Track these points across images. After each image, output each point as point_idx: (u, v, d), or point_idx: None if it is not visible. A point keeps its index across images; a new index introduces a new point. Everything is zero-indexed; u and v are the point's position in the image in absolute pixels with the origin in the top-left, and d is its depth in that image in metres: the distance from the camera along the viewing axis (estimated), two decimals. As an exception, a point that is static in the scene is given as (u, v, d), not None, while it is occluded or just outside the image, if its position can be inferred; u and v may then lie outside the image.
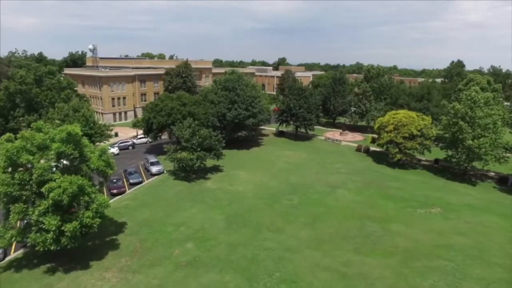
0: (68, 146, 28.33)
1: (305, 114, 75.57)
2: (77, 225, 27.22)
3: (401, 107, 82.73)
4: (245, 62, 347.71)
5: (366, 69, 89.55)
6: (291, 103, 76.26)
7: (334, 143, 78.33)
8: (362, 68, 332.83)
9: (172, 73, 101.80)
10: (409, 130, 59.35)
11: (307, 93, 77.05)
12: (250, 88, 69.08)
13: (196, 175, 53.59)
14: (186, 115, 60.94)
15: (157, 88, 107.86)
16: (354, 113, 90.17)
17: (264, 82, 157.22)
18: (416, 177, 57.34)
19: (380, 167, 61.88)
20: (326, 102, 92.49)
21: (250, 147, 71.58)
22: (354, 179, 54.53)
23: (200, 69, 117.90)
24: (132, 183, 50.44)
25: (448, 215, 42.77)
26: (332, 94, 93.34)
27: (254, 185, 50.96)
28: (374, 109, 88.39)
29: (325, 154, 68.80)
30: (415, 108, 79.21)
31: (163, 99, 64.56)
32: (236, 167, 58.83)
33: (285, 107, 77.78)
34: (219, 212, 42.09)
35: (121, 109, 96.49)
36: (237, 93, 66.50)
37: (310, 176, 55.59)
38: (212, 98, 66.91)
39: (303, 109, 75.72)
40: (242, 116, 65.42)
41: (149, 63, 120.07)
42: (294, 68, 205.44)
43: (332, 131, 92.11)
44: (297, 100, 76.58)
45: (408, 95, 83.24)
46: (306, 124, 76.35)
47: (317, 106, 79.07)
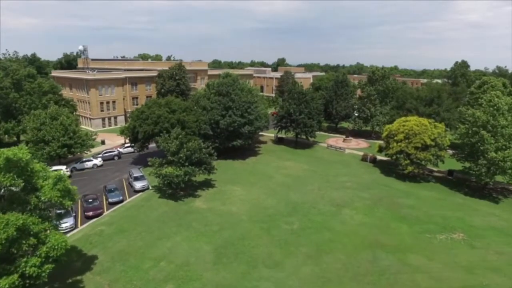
0: (7, 176, 22.07)
1: (306, 120, 69.31)
2: (16, 278, 21.00)
3: (409, 111, 76.54)
4: (244, 63, 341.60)
5: (370, 71, 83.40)
6: (290, 108, 70.00)
7: (337, 151, 72.10)
8: (362, 68, 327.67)
9: (164, 75, 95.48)
10: (421, 140, 53.10)
11: (308, 97, 70.80)
12: (246, 92, 62.84)
13: (184, 191, 47.38)
14: (175, 124, 54.73)
15: (150, 91, 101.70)
16: (357, 118, 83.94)
17: (263, 83, 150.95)
18: (429, 192, 51.10)
19: (389, 180, 55.64)
20: (328, 106, 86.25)
21: (246, 156, 65.34)
22: (362, 196, 48.31)
23: (195, 71, 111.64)
24: (111, 203, 44.17)
25: (474, 242, 36.56)
26: (334, 97, 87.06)
27: (249, 204, 44.75)
28: (379, 113, 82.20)
29: (328, 165, 62.55)
30: (424, 113, 72.93)
31: (150, 105, 58.31)
32: (230, 181, 52.60)
33: (284, 113, 71.53)
34: (207, 240, 35.87)
35: (111, 114, 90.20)
36: (232, 98, 60.25)
37: (312, 192, 49.37)
38: (205, 104, 60.67)
39: (303, 114, 69.48)
40: (237, 124, 59.18)
41: (141, 65, 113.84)
42: (294, 69, 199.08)
43: (334, 137, 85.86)
44: (297, 105, 70.33)
45: (416, 98, 76.90)
46: (307, 131, 70.12)
47: (318, 111, 72.82)
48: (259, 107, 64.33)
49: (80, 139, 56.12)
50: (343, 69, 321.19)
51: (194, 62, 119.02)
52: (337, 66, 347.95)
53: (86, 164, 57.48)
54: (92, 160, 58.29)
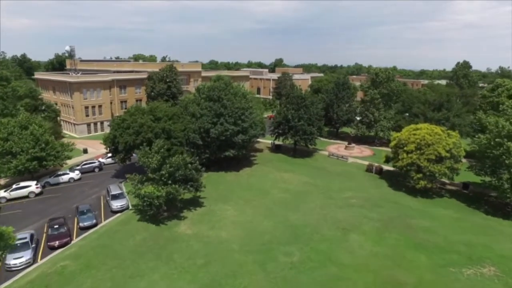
0: None
1: (305, 127, 63.14)
2: None
3: (416, 116, 70.59)
4: (241, 64, 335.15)
5: (373, 73, 77.24)
6: (288, 114, 63.83)
7: (339, 160, 65.95)
8: (361, 69, 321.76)
9: (155, 77, 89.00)
10: (435, 151, 47.06)
11: (307, 102, 64.62)
12: (239, 97, 56.56)
13: (168, 212, 41.14)
14: (160, 133, 48.49)
15: (140, 94, 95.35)
16: (360, 123, 77.87)
17: (260, 85, 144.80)
18: (445, 210, 45.03)
19: (398, 196, 49.56)
20: (329, 110, 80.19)
21: (240, 167, 59.09)
22: (370, 216, 42.17)
23: (188, 72, 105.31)
24: (83, 227, 37.84)
25: (510, 279, 30.45)
26: (335, 101, 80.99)
27: (242, 228, 38.54)
28: (384, 118, 76.15)
29: (330, 177, 56.41)
30: (433, 119, 67.00)
31: (132, 112, 52.00)
32: (221, 198, 46.38)
33: (282, 119, 65.33)
34: (190, 279, 29.66)
35: (97, 119, 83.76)
36: (224, 104, 53.99)
37: (313, 211, 43.20)
38: (193, 110, 54.36)
39: (303, 121, 63.32)
40: (229, 133, 52.94)
41: (131, 66, 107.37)
42: (291, 70, 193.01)
43: (335, 143, 79.75)
44: (296, 110, 64.16)
45: (424, 103, 70.96)
46: (307, 139, 63.97)
47: (319, 117, 66.66)
48: (254, 113, 58.08)
49: (53, 150, 49.78)
50: (341, 70, 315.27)
51: (186, 64, 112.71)
52: (335, 67, 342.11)
53: (62, 178, 51.10)
54: (69, 174, 51.89)
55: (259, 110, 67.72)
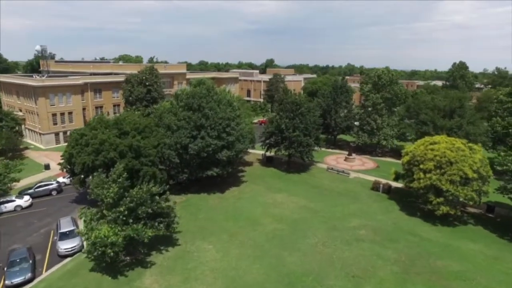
0: None
1: (301, 138, 54.27)
2: None
3: (424, 124, 62.22)
4: (231, 64, 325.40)
5: (375, 75, 68.65)
6: (282, 123, 54.87)
7: (339, 175, 57.19)
8: (353, 69, 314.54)
9: (133, 80, 79.21)
10: (460, 171, 38.56)
11: (303, 109, 55.71)
12: (224, 105, 47.37)
13: (131, 255, 31.87)
14: (126, 152, 39.12)
15: (118, 99, 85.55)
16: (361, 131, 69.27)
17: (250, 87, 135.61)
18: (476, 245, 36.55)
19: (414, 224, 40.95)
20: (326, 117, 71.44)
21: (226, 187, 49.96)
22: (385, 255, 33.46)
23: (171, 74, 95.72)
24: (9, 286, 28.23)
25: None
26: (332, 106, 72.31)
27: (224, 279, 29.47)
28: (387, 125, 67.67)
29: (331, 198, 47.63)
30: (444, 127, 58.74)
31: (93, 125, 42.48)
32: (199, 232, 37.21)
33: (275, 128, 56.35)
34: None
35: (67, 128, 73.67)
36: (205, 114, 44.77)
37: (315, 250, 34.33)
38: (169, 122, 45.02)
39: (298, 131, 54.44)
40: (212, 148, 43.76)
41: (109, 68, 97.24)
42: (283, 70, 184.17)
43: (333, 153, 71.01)
44: (290, 119, 55.25)
45: (433, 109, 62.60)
46: (303, 151, 55.12)
47: (317, 125, 57.87)
48: (242, 123, 49.00)
49: (-6, 173, 40.11)
50: (333, 70, 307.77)
51: (170, 65, 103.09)
52: (326, 67, 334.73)
53: (5, 206, 41.39)
54: (15, 201, 42.17)
55: (248, 118, 58.56)
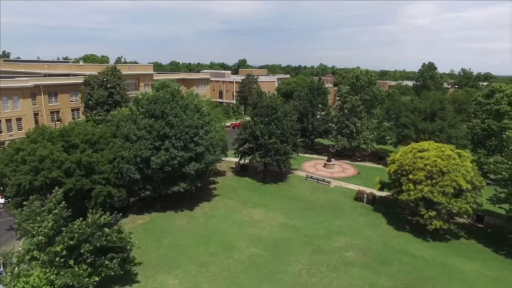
0: None
1: (278, 145, 49.39)
2: None
3: (405, 127, 59.16)
4: (203, 64, 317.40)
5: (353, 76, 64.94)
6: (257, 130, 49.75)
7: (320, 184, 52.79)
8: (326, 69, 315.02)
9: (92, 82, 71.58)
10: (453, 182, 34.95)
11: (279, 114, 50.84)
12: (191, 111, 41.56)
13: (76, 301, 25.59)
14: (74, 169, 32.62)
15: (77, 103, 77.39)
16: (340, 135, 65.35)
17: (222, 88, 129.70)
18: (473, 263, 32.96)
19: (405, 240, 36.99)
20: (303, 120, 67.10)
21: (196, 203, 44.22)
22: (380, 284, 29.03)
23: (136, 75, 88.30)
24: None
25: None
26: (309, 109, 68.07)
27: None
28: (366, 128, 64.14)
29: (313, 212, 43.01)
30: (426, 130, 55.83)
31: (34, 137, 35.53)
32: (163, 263, 31.34)
33: (249, 135, 51.15)
34: None
35: (14, 136, 64.94)
36: (169, 122, 38.84)
37: (298, 280, 29.42)
38: (128, 132, 38.72)
39: (274, 137, 49.54)
40: (177, 161, 37.92)
41: (67, 69, 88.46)
42: (256, 71, 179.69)
43: (311, 158, 66.69)
44: (265, 124, 50.26)
45: (413, 111, 59.64)
46: (280, 160, 50.28)
47: (294, 131, 53.25)
48: (212, 131, 43.40)
49: None
50: (306, 70, 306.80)
51: (135, 65, 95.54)
52: (299, 67, 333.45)
53: None
54: None
55: (220, 124, 52.98)
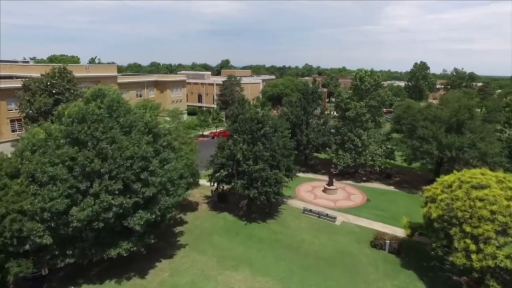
0: None
1: (267, 172, 35.75)
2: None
3: (423, 140, 46.54)
4: (185, 66, 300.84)
5: (357, 78, 52.01)
6: (237, 151, 35.99)
7: (322, 220, 39.47)
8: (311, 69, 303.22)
9: (33, 87, 56.42)
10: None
11: (268, 129, 37.21)
12: (137, 134, 27.32)
13: None
14: None
15: (17, 111, 61.87)
16: (341, 149, 52.26)
17: (201, 91, 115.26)
18: None
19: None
20: (295, 132, 53.82)
21: (150, 263, 30.07)
22: None
23: (96, 78, 73.19)
24: None
25: None
26: (304, 118, 54.81)
27: None
28: (374, 141, 51.38)
29: (317, 276, 29.50)
30: (453, 146, 43.34)
31: None
32: None
33: (227, 158, 37.30)
34: None
35: None
36: (101, 152, 24.61)
37: None
38: (34, 169, 24.28)
39: (262, 161, 35.93)
40: (114, 213, 23.76)
41: (8, 69, 72.51)
42: (239, 72, 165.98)
43: (307, 179, 53.29)
44: (249, 144, 36.60)
45: (433, 120, 47.11)
46: (270, 193, 36.62)
47: (288, 151, 39.74)
48: (172, 159, 29.35)
49: None
50: (291, 71, 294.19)
51: (94, 66, 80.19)
52: (283, 68, 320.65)
53: None
54: None
55: (188, 146, 38.90)
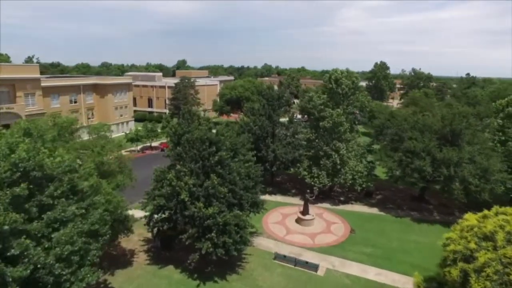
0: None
1: (226, 217, 24.84)
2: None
3: (413, 154, 38.24)
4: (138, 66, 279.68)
5: (331, 79, 42.66)
6: (182, 190, 24.75)
7: (299, 270, 29.31)
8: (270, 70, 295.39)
9: None
10: None
11: (224, 154, 26.26)
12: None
13: None
14: None
15: None
16: (316, 167, 42.58)
17: (151, 95, 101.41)
18: None
19: None
20: (259, 146, 43.46)
21: None
22: None
23: (11, 81, 57.81)
24: None
25: None
26: (269, 129, 44.52)
27: None
28: (354, 156, 42.38)
29: None
30: (451, 160, 35.31)
31: None
32: None
33: (167, 198, 25.85)
34: None
35: None
36: None
37: None
38: None
39: (217, 200, 25.01)
40: None
41: None
42: (195, 72, 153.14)
43: (275, 203, 42.97)
44: (200, 175, 25.49)
45: (422, 130, 38.89)
46: (230, 244, 25.73)
47: (254, 178, 29.09)
48: (73, 217, 17.52)
49: None
50: (250, 71, 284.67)
51: (7, 65, 64.02)
52: (242, 68, 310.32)
53: None
54: None
55: (115, 178, 26.98)
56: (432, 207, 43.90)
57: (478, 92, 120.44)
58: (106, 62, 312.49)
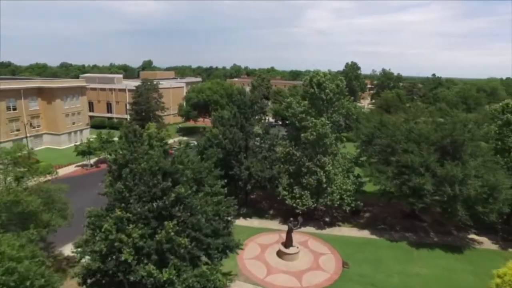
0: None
1: (187, 279, 17.51)
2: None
3: (408, 169, 32.73)
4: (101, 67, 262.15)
5: (313, 82, 36.37)
6: (123, 247, 17.14)
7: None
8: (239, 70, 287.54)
9: None
10: None
11: (182, 191, 18.86)
12: None
13: None
14: None
15: None
16: (297, 186, 36.04)
17: (110, 99, 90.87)
18: None
19: None
20: (230, 163, 36.36)
21: None
22: None
23: None
24: None
25: None
26: (242, 143, 37.42)
27: None
28: (341, 171, 36.29)
29: None
30: (456, 177, 29.99)
31: None
32: None
33: (104, 257, 18.12)
34: None
35: None
36: None
37: None
38: None
39: (172, 254, 17.62)
40: None
41: None
42: (161, 73, 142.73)
43: (251, 230, 35.92)
44: (150, 220, 17.92)
45: (418, 141, 33.45)
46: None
47: (225, 218, 21.92)
48: None
49: None
50: (218, 72, 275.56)
51: None
52: (211, 68, 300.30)
53: None
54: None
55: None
56: (426, 225, 38.83)
57: (446, 92, 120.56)
58: (65, 62, 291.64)
